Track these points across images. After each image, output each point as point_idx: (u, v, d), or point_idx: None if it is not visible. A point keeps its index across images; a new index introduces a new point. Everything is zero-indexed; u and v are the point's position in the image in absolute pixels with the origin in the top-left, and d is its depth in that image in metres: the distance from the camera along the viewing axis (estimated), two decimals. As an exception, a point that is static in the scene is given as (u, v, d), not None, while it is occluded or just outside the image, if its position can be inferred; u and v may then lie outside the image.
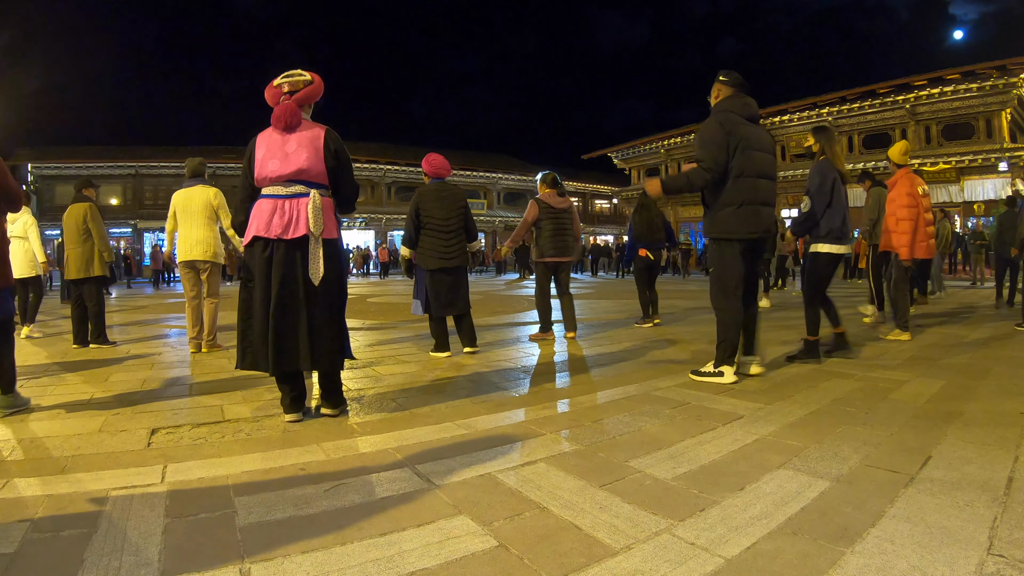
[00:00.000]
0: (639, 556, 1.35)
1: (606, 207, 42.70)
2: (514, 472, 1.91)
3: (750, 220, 3.16)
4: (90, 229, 5.11)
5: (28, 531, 1.51)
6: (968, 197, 19.76)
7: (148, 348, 5.07)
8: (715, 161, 3.10)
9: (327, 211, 2.50)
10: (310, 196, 2.45)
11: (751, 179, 3.14)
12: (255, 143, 2.54)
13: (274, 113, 2.50)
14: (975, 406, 2.63)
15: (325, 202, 2.51)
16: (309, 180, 2.49)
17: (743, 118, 3.20)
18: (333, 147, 2.54)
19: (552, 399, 2.94)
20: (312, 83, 2.59)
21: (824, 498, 1.65)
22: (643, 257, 6.14)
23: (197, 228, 4.70)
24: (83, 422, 2.59)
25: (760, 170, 3.17)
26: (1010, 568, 1.25)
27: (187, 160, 5.01)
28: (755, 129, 3.24)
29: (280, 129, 2.49)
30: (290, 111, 2.48)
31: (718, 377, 3.18)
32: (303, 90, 2.56)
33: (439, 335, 4.29)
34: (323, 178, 2.52)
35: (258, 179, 2.50)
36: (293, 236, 2.43)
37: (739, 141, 3.12)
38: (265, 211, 2.45)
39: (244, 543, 1.44)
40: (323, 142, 2.51)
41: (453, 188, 4.34)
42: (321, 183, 2.53)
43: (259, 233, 2.44)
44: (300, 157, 2.46)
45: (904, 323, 4.77)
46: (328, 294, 2.50)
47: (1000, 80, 19.00)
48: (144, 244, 28.27)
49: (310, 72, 2.61)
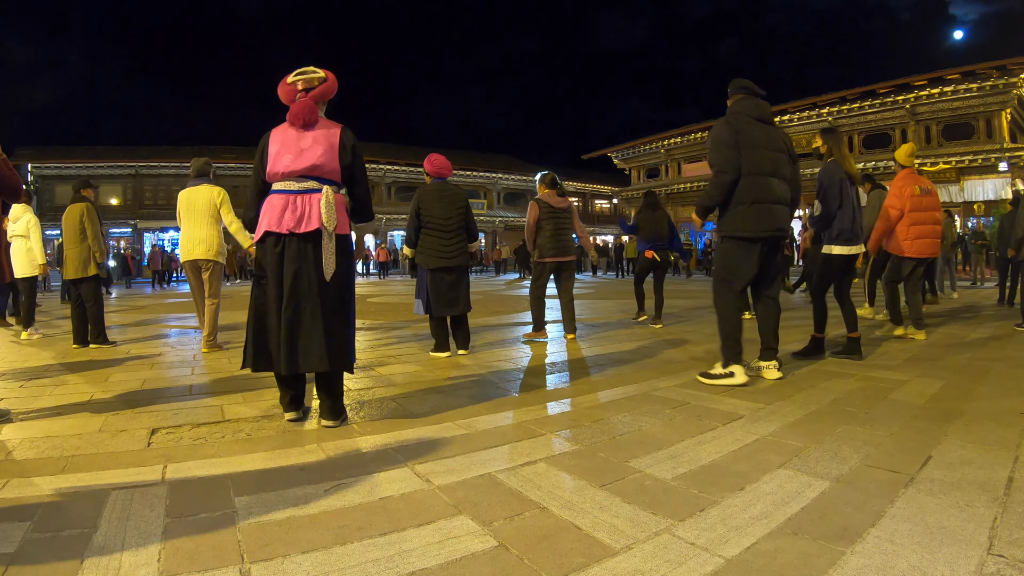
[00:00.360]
0: (639, 556, 1.35)
1: (606, 207, 42.71)
2: (514, 472, 1.91)
3: (762, 218, 3.13)
4: (86, 229, 5.12)
5: (28, 531, 1.51)
6: (968, 197, 19.77)
7: (148, 348, 5.07)
8: (727, 161, 3.12)
9: (340, 207, 2.48)
10: (323, 191, 2.43)
11: (762, 177, 3.12)
12: (268, 138, 2.52)
13: (291, 110, 2.48)
14: (975, 406, 2.63)
15: (338, 198, 2.48)
16: (322, 176, 2.47)
17: (753, 118, 3.21)
18: (349, 145, 2.52)
19: (552, 399, 2.94)
20: (327, 80, 2.57)
21: (824, 498, 1.65)
22: (649, 259, 6.09)
23: (200, 227, 4.69)
24: (83, 422, 2.59)
25: (771, 169, 3.16)
26: (1010, 568, 1.25)
27: (192, 160, 5.01)
28: (766, 128, 3.23)
29: (298, 126, 2.47)
30: (308, 108, 2.46)
31: (729, 379, 3.10)
32: (318, 87, 2.54)
33: (439, 335, 4.29)
34: (337, 175, 2.51)
35: (270, 174, 2.48)
36: (305, 230, 2.40)
37: (748, 139, 3.13)
38: (277, 206, 2.43)
39: (244, 543, 1.44)
40: (339, 139, 2.50)
41: (454, 188, 4.34)
42: (334, 180, 2.51)
43: (271, 228, 2.41)
44: (315, 153, 2.44)
45: (897, 318, 4.89)
46: (340, 292, 2.47)
47: (1000, 80, 19.01)
48: (144, 244, 28.28)
49: (324, 70, 2.60)
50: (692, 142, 28.15)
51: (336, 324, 2.44)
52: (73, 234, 5.11)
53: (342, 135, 2.51)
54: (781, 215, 3.21)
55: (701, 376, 3.24)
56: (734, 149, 3.11)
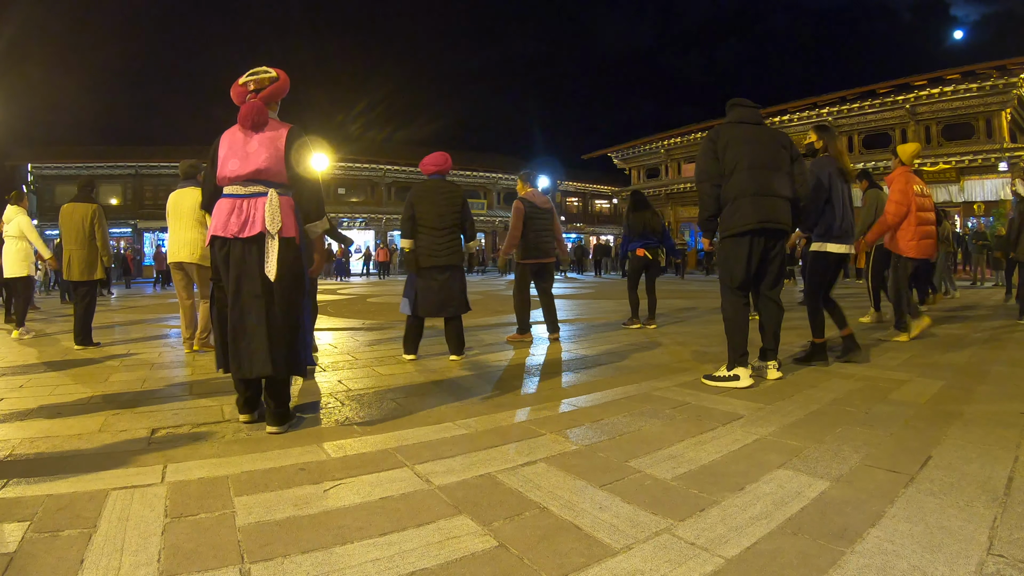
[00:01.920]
0: (639, 556, 1.35)
1: (606, 207, 42.73)
2: (514, 472, 1.91)
3: (745, 212, 3.10)
4: (95, 233, 5.12)
5: (28, 531, 1.51)
6: (968, 197, 19.76)
7: (148, 348, 5.07)
8: (703, 172, 3.24)
9: (285, 209, 2.44)
10: (268, 195, 2.41)
11: (745, 172, 3.12)
12: (219, 142, 2.51)
13: (240, 112, 2.46)
14: (975, 406, 2.63)
15: (284, 200, 2.46)
16: (268, 180, 2.45)
17: (735, 122, 3.26)
18: (295, 145, 2.49)
19: (552, 399, 2.94)
20: (278, 80, 2.55)
21: (824, 498, 1.65)
22: (640, 257, 6.01)
23: (185, 230, 4.69)
24: (83, 422, 2.59)
25: (753, 161, 3.14)
26: (1010, 568, 1.25)
27: (180, 162, 5.02)
28: (748, 127, 3.24)
29: (247, 128, 2.46)
30: (256, 110, 2.44)
31: (733, 381, 3.09)
32: (269, 87, 2.52)
33: (409, 335, 4.15)
34: (282, 178, 2.48)
35: (219, 178, 2.47)
36: (249, 234, 2.38)
37: (727, 141, 3.16)
38: (223, 210, 2.42)
39: (244, 543, 1.44)
40: (285, 141, 2.47)
41: (450, 185, 4.19)
42: (281, 183, 2.48)
43: (216, 232, 2.41)
44: (260, 157, 2.42)
45: (903, 323, 4.76)
46: (287, 295, 2.44)
47: (1000, 80, 19.00)
48: (144, 244, 28.27)
49: (276, 69, 2.58)
50: (692, 142, 28.14)
51: (283, 328, 2.41)
52: (79, 236, 5.11)
53: (289, 136, 2.48)
54: (768, 206, 3.11)
55: (705, 378, 3.23)
56: (710, 158, 3.20)
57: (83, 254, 5.10)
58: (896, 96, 21.27)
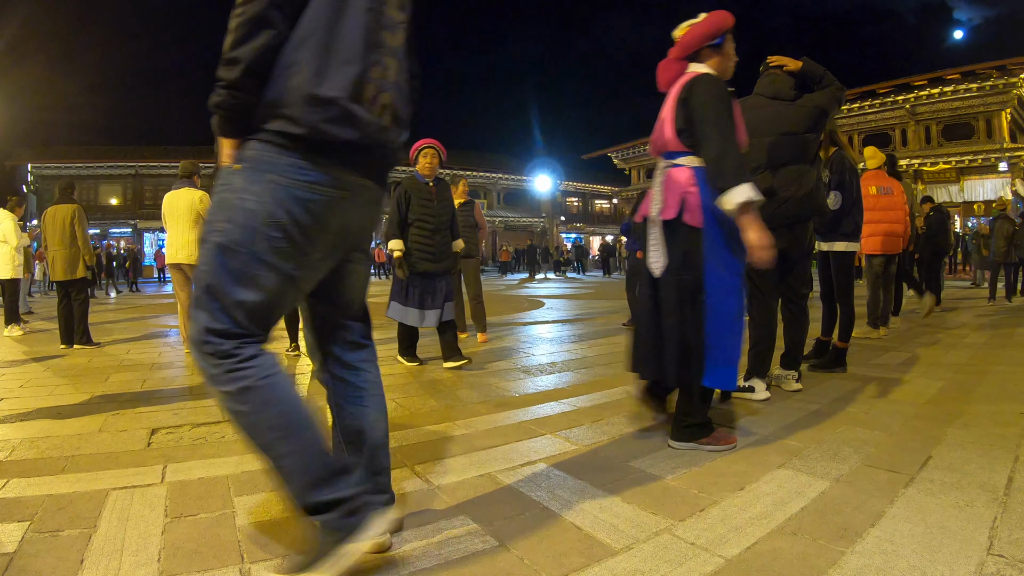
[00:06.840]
0: (639, 556, 1.35)
1: (606, 207, 42.72)
2: (514, 472, 1.91)
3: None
4: (76, 233, 5.17)
5: (28, 531, 1.51)
6: (968, 197, 19.77)
7: (148, 348, 5.07)
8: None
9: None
10: None
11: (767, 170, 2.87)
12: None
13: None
14: (975, 406, 2.63)
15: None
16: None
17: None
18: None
19: (552, 399, 2.94)
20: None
21: (824, 498, 1.65)
22: (640, 259, 5.89)
23: (182, 231, 4.69)
24: (83, 422, 2.59)
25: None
26: (1010, 568, 1.25)
27: (181, 162, 5.04)
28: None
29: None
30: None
31: (748, 393, 2.81)
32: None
33: (403, 341, 3.98)
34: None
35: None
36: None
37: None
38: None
39: (244, 543, 1.44)
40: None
41: (444, 183, 4.11)
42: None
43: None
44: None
45: (875, 320, 4.87)
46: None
47: (1000, 80, 19.02)
48: (144, 244, 28.26)
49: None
50: (692, 142, 28.12)
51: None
52: (61, 236, 5.16)
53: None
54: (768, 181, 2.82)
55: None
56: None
57: (65, 254, 5.15)
58: (896, 96, 21.29)
